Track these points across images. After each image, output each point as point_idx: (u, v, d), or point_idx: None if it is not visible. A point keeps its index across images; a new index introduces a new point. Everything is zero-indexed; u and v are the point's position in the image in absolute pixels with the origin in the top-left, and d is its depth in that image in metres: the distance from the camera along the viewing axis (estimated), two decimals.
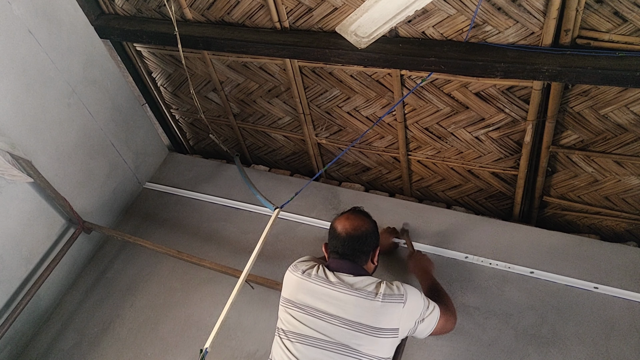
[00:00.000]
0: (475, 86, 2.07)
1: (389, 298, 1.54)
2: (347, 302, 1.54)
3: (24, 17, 2.13)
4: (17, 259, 2.31)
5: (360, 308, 1.53)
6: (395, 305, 1.54)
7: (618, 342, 1.90)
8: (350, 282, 1.59)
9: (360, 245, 1.71)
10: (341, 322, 1.53)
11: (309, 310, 1.58)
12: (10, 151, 2.10)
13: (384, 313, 1.52)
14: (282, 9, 2.17)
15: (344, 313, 1.54)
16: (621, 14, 1.64)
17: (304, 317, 1.58)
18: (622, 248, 2.18)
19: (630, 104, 1.86)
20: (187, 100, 2.95)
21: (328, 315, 1.55)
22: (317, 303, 1.58)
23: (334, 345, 1.52)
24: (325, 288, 1.59)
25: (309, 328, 1.56)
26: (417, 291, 1.63)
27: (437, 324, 1.65)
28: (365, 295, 1.55)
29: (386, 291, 1.56)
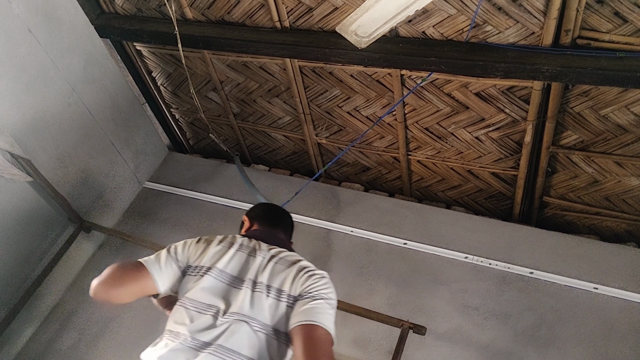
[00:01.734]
0: (476, 86, 2.07)
1: (307, 269, 1.40)
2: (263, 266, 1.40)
3: (24, 16, 2.13)
4: (16, 257, 2.31)
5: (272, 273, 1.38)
6: (308, 274, 1.38)
7: (617, 343, 1.89)
8: (270, 249, 1.46)
9: (291, 224, 1.67)
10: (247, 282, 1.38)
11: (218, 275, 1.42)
12: (10, 150, 2.10)
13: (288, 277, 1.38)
14: (283, 9, 2.17)
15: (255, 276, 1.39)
16: (622, 14, 1.64)
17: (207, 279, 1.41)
18: (621, 249, 2.17)
19: (630, 104, 1.86)
20: (187, 99, 2.95)
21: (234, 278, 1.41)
22: (228, 269, 1.42)
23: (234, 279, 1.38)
24: (242, 254, 1.44)
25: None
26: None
27: (320, 332, 1.30)
28: (283, 262, 1.41)
29: (304, 263, 1.42)
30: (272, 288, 1.36)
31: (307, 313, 1.30)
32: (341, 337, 2.09)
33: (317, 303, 1.33)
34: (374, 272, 2.29)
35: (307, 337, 1.25)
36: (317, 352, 1.23)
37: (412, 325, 1.82)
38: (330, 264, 2.37)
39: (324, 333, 1.27)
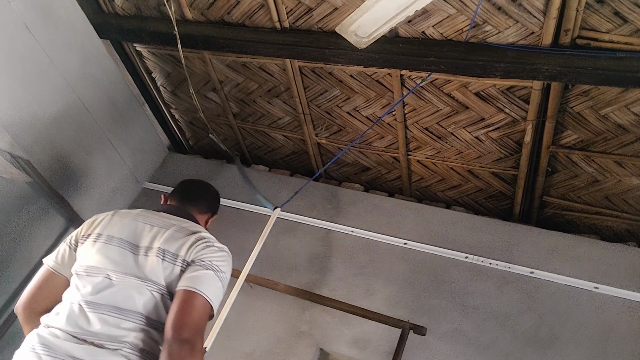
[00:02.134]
0: (475, 86, 2.07)
1: (201, 240, 1.41)
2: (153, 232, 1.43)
3: (21, 13, 2.12)
4: (15, 258, 2.31)
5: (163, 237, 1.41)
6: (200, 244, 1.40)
7: (617, 342, 1.89)
8: (170, 218, 1.49)
9: (206, 193, 1.68)
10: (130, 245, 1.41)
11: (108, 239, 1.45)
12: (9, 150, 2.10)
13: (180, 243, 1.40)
14: (282, 9, 2.16)
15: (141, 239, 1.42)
16: (621, 14, 1.64)
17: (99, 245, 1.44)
18: (622, 248, 2.17)
19: (630, 104, 1.86)
20: (187, 99, 2.95)
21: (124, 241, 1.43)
22: (121, 235, 1.44)
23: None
24: (136, 222, 1.47)
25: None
26: (230, 266, 1.45)
27: (198, 299, 1.30)
28: (175, 228, 1.44)
29: (203, 235, 1.43)
30: (167, 252, 1.39)
31: (193, 280, 1.33)
32: (341, 337, 2.10)
33: (206, 273, 1.35)
34: (374, 272, 2.29)
35: (183, 302, 1.28)
36: (186, 317, 1.26)
37: (412, 325, 1.82)
38: (330, 264, 2.37)
39: (201, 302, 1.30)
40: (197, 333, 1.26)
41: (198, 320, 1.28)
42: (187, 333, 1.23)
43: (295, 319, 2.19)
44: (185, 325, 1.25)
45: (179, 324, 1.24)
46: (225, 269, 1.42)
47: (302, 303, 2.21)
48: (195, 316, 1.27)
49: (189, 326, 1.25)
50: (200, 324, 1.28)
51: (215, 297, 1.35)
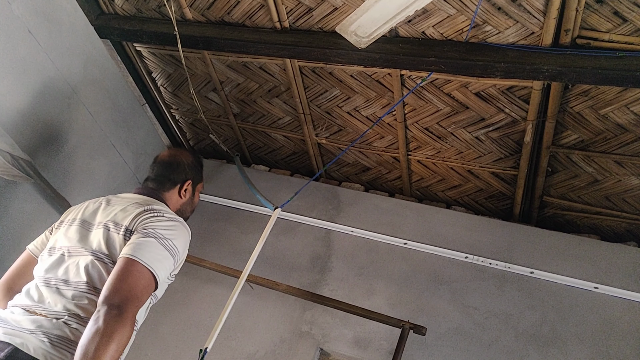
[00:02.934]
0: (475, 86, 2.07)
1: (146, 212, 1.43)
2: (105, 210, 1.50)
3: (23, 17, 2.13)
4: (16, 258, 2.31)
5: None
6: (143, 214, 1.42)
7: (618, 342, 1.90)
8: (128, 196, 1.55)
9: (167, 171, 1.66)
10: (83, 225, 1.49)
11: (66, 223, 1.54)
12: (11, 151, 2.10)
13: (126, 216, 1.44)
14: (282, 9, 2.17)
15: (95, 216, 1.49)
16: (621, 14, 1.64)
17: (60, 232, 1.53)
18: (622, 248, 2.18)
19: (630, 104, 1.86)
20: (187, 100, 2.95)
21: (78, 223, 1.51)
22: (80, 216, 1.52)
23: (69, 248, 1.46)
24: (97, 204, 1.54)
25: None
26: (182, 236, 1.44)
27: (135, 266, 1.30)
28: (128, 203, 1.49)
29: (155, 207, 1.46)
30: (113, 223, 1.44)
31: (131, 247, 1.33)
32: (342, 337, 2.10)
33: (147, 240, 1.35)
34: (374, 272, 2.30)
35: (119, 269, 1.29)
36: (118, 283, 1.26)
37: (412, 325, 1.82)
38: (330, 264, 2.37)
39: (139, 269, 1.30)
40: (129, 300, 1.24)
41: (132, 287, 1.26)
42: (117, 298, 1.22)
43: (296, 319, 2.19)
44: (117, 290, 1.24)
45: (111, 289, 1.24)
46: (172, 237, 1.40)
47: (303, 303, 2.21)
48: (129, 282, 1.26)
49: (121, 291, 1.24)
50: (135, 291, 1.26)
51: (157, 265, 1.33)
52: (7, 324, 1.29)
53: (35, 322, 1.29)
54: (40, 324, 1.28)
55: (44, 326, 1.28)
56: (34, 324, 1.28)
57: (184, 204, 1.70)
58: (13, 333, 1.26)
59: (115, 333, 1.18)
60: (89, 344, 1.16)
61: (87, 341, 1.17)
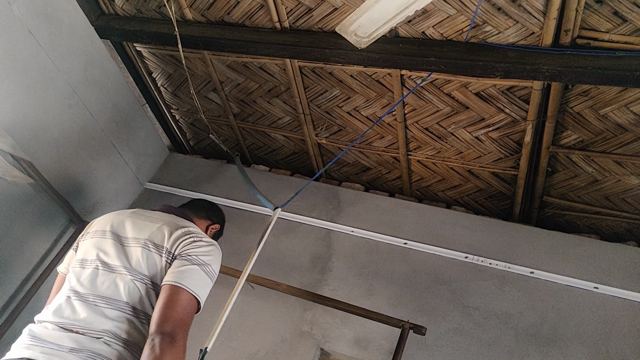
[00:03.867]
0: (475, 86, 2.07)
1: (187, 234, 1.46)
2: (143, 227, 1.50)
3: (24, 18, 2.13)
4: (18, 259, 2.32)
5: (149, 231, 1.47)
6: (184, 237, 1.45)
7: (618, 342, 1.90)
8: (161, 215, 1.56)
9: (208, 205, 1.80)
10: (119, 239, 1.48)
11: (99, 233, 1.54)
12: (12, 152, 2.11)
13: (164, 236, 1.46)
14: (282, 9, 2.17)
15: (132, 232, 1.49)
16: (621, 14, 1.64)
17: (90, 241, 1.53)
18: (622, 248, 2.17)
19: (630, 103, 1.86)
20: (188, 100, 2.95)
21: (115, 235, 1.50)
22: (111, 229, 1.52)
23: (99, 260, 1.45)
24: (126, 217, 1.56)
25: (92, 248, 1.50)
26: (219, 260, 1.48)
27: (182, 294, 1.33)
28: (163, 222, 1.50)
29: (192, 230, 1.48)
30: (152, 243, 1.43)
31: (178, 274, 1.35)
32: (341, 337, 2.11)
33: (191, 267, 1.38)
34: (375, 272, 2.30)
35: (168, 297, 1.31)
36: (169, 311, 1.29)
37: (412, 325, 1.83)
38: (330, 264, 2.37)
39: (186, 297, 1.33)
40: (180, 327, 1.28)
41: (181, 315, 1.30)
42: (169, 326, 1.26)
43: (296, 319, 2.20)
44: (167, 318, 1.27)
45: (162, 318, 1.27)
46: (212, 263, 1.44)
47: (303, 303, 2.21)
48: (178, 310, 1.30)
49: (172, 319, 1.27)
50: (184, 318, 1.30)
51: (201, 292, 1.37)
52: (43, 343, 1.28)
53: (75, 340, 1.28)
54: (81, 342, 1.27)
55: (85, 345, 1.27)
56: (74, 342, 1.27)
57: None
58: (52, 353, 1.25)
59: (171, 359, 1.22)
60: None
61: None
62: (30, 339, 1.31)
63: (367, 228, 2.46)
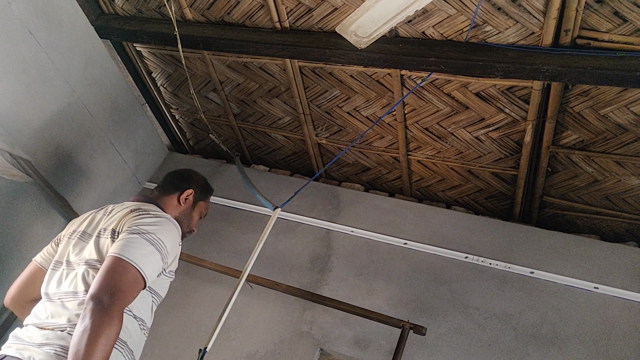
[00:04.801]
0: (475, 86, 2.07)
1: (135, 213, 1.48)
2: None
3: (24, 17, 2.13)
4: (16, 258, 2.31)
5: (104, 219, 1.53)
6: (130, 215, 1.47)
7: (618, 342, 1.90)
8: (124, 204, 1.59)
9: (173, 177, 1.74)
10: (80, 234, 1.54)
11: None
12: (10, 151, 2.10)
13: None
14: (282, 9, 2.17)
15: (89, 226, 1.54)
16: (621, 14, 1.64)
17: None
18: (622, 248, 2.18)
19: (630, 104, 1.86)
20: (187, 100, 2.95)
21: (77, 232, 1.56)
22: (82, 228, 1.57)
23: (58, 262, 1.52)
24: (97, 214, 1.59)
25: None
26: (168, 230, 1.46)
27: (113, 263, 1.32)
28: (120, 209, 1.53)
29: (142, 207, 1.51)
30: (104, 230, 1.47)
31: (116, 245, 1.37)
32: (341, 337, 2.10)
33: (130, 237, 1.38)
34: (374, 272, 2.30)
35: (105, 267, 1.32)
36: (105, 280, 1.29)
37: (412, 325, 1.82)
38: (330, 264, 2.37)
39: (123, 265, 1.32)
40: (113, 294, 1.26)
41: (116, 282, 1.28)
42: (101, 293, 1.25)
43: (296, 319, 2.19)
44: (100, 287, 1.27)
45: (95, 286, 1.28)
46: (157, 232, 1.41)
47: (303, 303, 2.21)
48: (113, 278, 1.29)
49: (104, 287, 1.27)
50: (119, 285, 1.29)
51: (141, 259, 1.34)
52: (20, 341, 1.36)
53: (44, 336, 1.34)
54: (49, 337, 1.33)
55: (50, 338, 1.32)
56: (44, 338, 1.33)
57: (182, 213, 1.71)
58: (23, 348, 1.31)
59: (102, 327, 1.20)
60: (78, 343, 1.19)
61: (77, 340, 1.19)
62: (11, 339, 1.39)
63: (367, 228, 2.46)
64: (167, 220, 1.49)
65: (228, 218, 2.69)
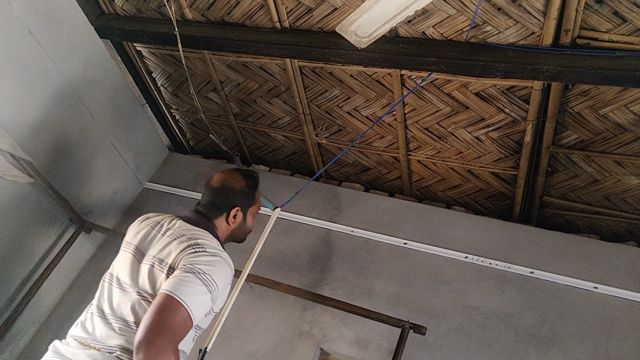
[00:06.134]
0: (476, 86, 2.07)
1: (190, 244, 1.43)
2: (158, 241, 1.50)
3: (24, 18, 2.13)
4: (17, 258, 2.32)
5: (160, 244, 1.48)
6: (184, 248, 1.42)
7: (618, 342, 1.90)
8: (180, 227, 1.53)
9: (216, 198, 1.62)
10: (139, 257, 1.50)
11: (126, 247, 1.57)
12: (11, 152, 2.11)
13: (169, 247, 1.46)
14: (282, 9, 2.17)
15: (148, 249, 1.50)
16: (621, 14, 1.64)
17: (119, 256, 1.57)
18: (622, 248, 2.18)
19: (629, 103, 1.86)
20: (187, 100, 2.95)
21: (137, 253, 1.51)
22: (136, 242, 1.53)
23: (116, 279, 1.50)
24: (152, 230, 1.54)
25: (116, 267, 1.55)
26: (222, 272, 1.43)
27: (164, 300, 1.30)
28: (176, 236, 1.48)
29: (200, 242, 1.45)
30: (159, 260, 1.44)
31: (169, 283, 1.34)
32: (341, 337, 2.10)
33: (185, 275, 1.35)
34: (375, 272, 2.30)
35: (156, 305, 1.29)
36: (156, 319, 1.26)
37: (412, 325, 1.83)
38: (330, 264, 2.37)
39: (174, 304, 1.29)
40: (164, 334, 1.24)
41: (166, 322, 1.26)
42: (152, 335, 1.23)
43: (296, 318, 2.20)
44: (152, 327, 1.25)
45: (146, 326, 1.25)
46: (211, 272, 1.39)
47: (303, 303, 2.21)
48: (164, 318, 1.27)
49: (155, 328, 1.25)
50: (169, 325, 1.26)
51: (191, 299, 1.32)
52: (63, 359, 1.38)
53: (91, 356, 1.35)
54: (95, 358, 1.34)
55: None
56: (90, 358, 1.35)
57: (235, 230, 1.68)
58: None
59: None
60: None
61: None
62: (52, 355, 1.41)
63: (367, 228, 2.46)
64: (223, 261, 1.46)
65: None
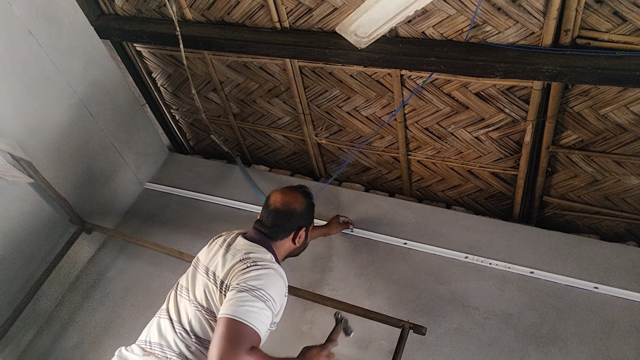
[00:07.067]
0: (475, 86, 2.07)
1: (248, 258, 1.53)
2: (219, 257, 1.60)
3: (24, 18, 2.13)
4: (18, 259, 2.32)
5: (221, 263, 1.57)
6: (242, 264, 1.51)
7: (618, 342, 1.90)
8: (238, 243, 1.63)
9: (282, 220, 1.67)
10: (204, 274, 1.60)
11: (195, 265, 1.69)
12: (11, 152, 2.11)
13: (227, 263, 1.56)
14: (282, 9, 2.17)
15: (213, 267, 1.59)
16: (621, 13, 1.64)
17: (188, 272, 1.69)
18: (622, 248, 2.18)
19: (629, 103, 1.86)
20: (188, 100, 2.95)
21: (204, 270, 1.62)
22: (205, 261, 1.64)
23: (187, 292, 1.61)
24: (218, 247, 1.65)
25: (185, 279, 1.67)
26: (275, 283, 1.51)
27: (227, 323, 1.37)
28: (233, 252, 1.59)
29: (251, 256, 1.54)
30: (214, 275, 1.55)
31: (227, 305, 1.41)
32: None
33: (239, 295, 1.42)
34: (374, 272, 2.30)
35: (217, 330, 1.37)
36: (217, 344, 1.34)
37: (412, 325, 1.83)
38: (330, 264, 2.37)
39: (239, 327, 1.36)
40: (229, 356, 1.32)
41: (238, 346, 1.33)
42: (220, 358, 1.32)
43: (296, 318, 2.20)
44: (216, 353, 1.32)
45: (212, 353, 1.33)
46: (264, 286, 1.45)
47: (303, 303, 2.21)
48: (234, 343, 1.34)
49: (220, 353, 1.32)
50: (241, 348, 1.33)
51: (254, 318, 1.39)
52: None
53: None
54: None
55: None
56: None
57: (299, 247, 1.78)
58: None
59: None
60: None
61: None
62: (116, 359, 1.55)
63: (367, 228, 2.46)
64: (274, 272, 1.52)
65: (229, 218, 2.69)
